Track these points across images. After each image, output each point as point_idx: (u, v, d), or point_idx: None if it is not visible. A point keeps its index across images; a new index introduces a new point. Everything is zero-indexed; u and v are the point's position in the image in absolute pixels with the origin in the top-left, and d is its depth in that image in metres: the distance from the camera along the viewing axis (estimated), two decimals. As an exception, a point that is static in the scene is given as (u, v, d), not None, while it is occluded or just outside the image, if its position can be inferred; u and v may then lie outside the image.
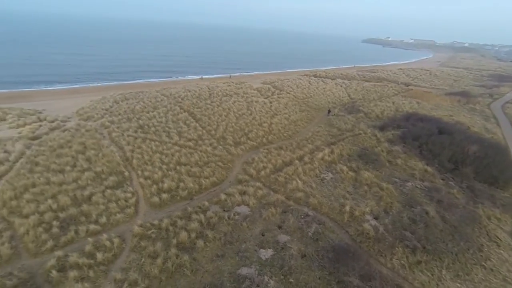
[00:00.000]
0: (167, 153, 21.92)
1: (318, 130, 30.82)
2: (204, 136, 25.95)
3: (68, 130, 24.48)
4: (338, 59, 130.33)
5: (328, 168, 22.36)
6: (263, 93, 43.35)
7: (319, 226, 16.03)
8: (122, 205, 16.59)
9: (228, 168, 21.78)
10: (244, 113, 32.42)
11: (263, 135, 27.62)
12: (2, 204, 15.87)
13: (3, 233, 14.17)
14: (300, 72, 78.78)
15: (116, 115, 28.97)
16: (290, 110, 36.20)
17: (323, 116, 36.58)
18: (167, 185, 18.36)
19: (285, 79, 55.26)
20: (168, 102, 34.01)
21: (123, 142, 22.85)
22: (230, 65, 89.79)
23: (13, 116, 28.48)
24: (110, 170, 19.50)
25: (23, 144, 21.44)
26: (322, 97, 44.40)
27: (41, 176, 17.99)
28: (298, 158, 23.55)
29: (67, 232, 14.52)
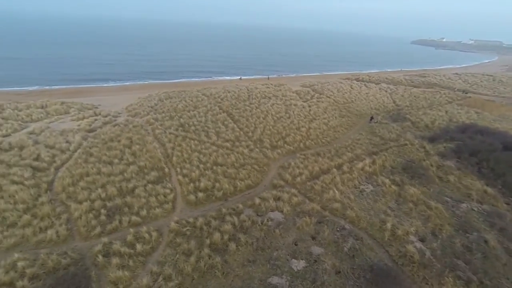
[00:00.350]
0: (205, 153, 22.55)
1: (359, 138, 29.21)
2: (241, 138, 26.21)
3: (118, 125, 26.59)
4: (383, 62, 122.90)
5: (368, 179, 21.00)
6: (302, 96, 42.55)
7: (356, 242, 15.07)
8: (161, 200, 17.42)
9: (264, 171, 21.66)
10: (282, 116, 32.09)
11: (300, 140, 27.01)
12: (62, 189, 17.74)
13: (62, 216, 15.80)
14: (341, 75, 75.82)
15: (160, 112, 30.74)
16: (330, 115, 34.92)
17: (364, 123, 34.63)
18: (204, 185, 18.84)
19: (325, 83, 53.58)
20: (208, 102, 35.13)
21: (165, 139, 24.09)
22: (268, 66, 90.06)
23: (74, 110, 31.88)
24: (152, 165, 20.66)
25: (81, 136, 23.79)
26: (364, 102, 42.11)
27: (93, 167, 19.73)
28: (336, 167, 22.53)
29: (112, 220, 15.65)
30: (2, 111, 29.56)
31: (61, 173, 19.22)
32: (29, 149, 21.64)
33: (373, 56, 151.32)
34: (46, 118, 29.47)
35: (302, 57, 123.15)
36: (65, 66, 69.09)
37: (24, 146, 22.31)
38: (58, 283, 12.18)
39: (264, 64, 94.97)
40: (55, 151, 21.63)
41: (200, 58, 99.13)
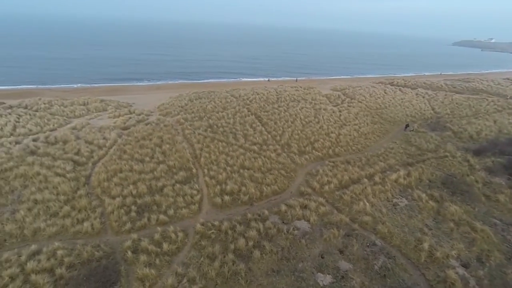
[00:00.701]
0: (232, 155, 22.60)
1: (392, 146, 27.53)
2: (269, 141, 25.94)
3: (150, 124, 27.67)
4: (421, 65, 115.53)
5: (402, 192, 19.63)
6: (332, 100, 41.24)
7: (388, 260, 14.08)
8: (188, 200, 17.70)
9: (291, 177, 21.19)
10: (311, 121, 31.29)
11: (329, 146, 26.09)
12: (97, 184, 18.77)
13: (96, 209, 16.68)
14: (373, 79, 72.54)
15: (190, 113, 31.49)
16: (361, 121, 33.39)
17: (398, 130, 32.62)
18: (230, 188, 18.85)
19: (357, 87, 51.47)
20: (236, 104, 35.35)
21: (194, 140, 24.57)
22: (297, 68, 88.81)
23: (111, 107, 33.80)
24: (180, 165, 21.14)
25: (116, 133, 25.08)
26: (399, 108, 39.72)
27: (126, 164, 20.65)
28: (367, 177, 21.38)
29: (141, 217, 16.18)
30: (51, 107, 32.21)
31: (97, 168, 20.36)
32: (71, 144, 23.25)
33: (409, 59, 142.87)
34: (87, 115, 31.58)
35: (331, 59, 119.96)
36: (103, 66, 73.93)
37: (67, 141, 24.02)
38: (91, 274, 12.80)
39: (292, 66, 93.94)
40: (93, 146, 23.01)
41: (229, 59, 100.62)
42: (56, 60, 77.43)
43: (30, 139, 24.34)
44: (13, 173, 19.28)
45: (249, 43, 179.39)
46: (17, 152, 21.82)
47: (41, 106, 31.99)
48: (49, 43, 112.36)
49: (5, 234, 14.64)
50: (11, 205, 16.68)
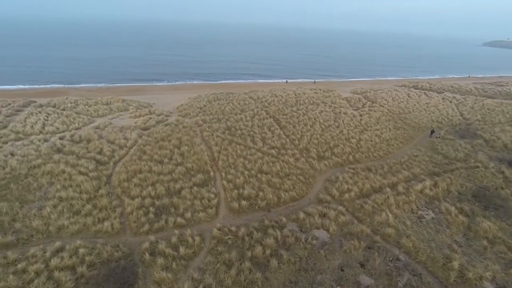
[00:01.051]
0: (250, 159, 22.39)
1: (417, 154, 26.20)
2: (287, 145, 25.50)
3: (170, 125, 28.05)
4: (447, 67, 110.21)
5: (428, 204, 18.55)
6: (352, 104, 40.06)
7: (414, 278, 13.27)
8: (205, 204, 17.65)
9: (309, 183, 20.65)
10: (331, 125, 30.48)
11: (349, 152, 25.24)
12: (118, 183, 19.18)
13: (116, 209, 17.00)
14: (396, 81, 69.94)
15: (208, 114, 31.65)
16: (383, 126, 32.13)
17: (423, 137, 31.06)
18: (247, 192, 18.62)
19: (378, 90, 49.75)
20: (255, 106, 35.15)
21: (212, 142, 24.59)
22: (315, 70, 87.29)
23: (133, 107, 34.68)
24: (198, 167, 21.18)
25: (137, 134, 25.61)
26: (423, 113, 37.88)
27: (146, 164, 20.97)
28: (390, 186, 20.43)
29: (159, 219, 16.30)
30: (77, 106, 33.53)
31: (118, 168, 20.83)
32: (94, 143, 23.98)
33: (434, 60, 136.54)
34: (110, 114, 32.58)
35: (351, 61, 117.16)
36: (124, 66, 76.50)
37: (91, 140, 24.82)
38: (110, 274, 12.99)
39: (310, 67, 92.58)
40: (114, 146, 23.60)
41: (246, 60, 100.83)
42: (80, 60, 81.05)
43: (57, 137, 25.40)
44: (41, 170, 20.14)
45: (265, 43, 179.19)
46: (45, 149, 22.81)
47: (68, 105, 33.38)
48: (70, 44, 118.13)
49: (32, 229, 15.24)
50: (38, 201, 17.37)
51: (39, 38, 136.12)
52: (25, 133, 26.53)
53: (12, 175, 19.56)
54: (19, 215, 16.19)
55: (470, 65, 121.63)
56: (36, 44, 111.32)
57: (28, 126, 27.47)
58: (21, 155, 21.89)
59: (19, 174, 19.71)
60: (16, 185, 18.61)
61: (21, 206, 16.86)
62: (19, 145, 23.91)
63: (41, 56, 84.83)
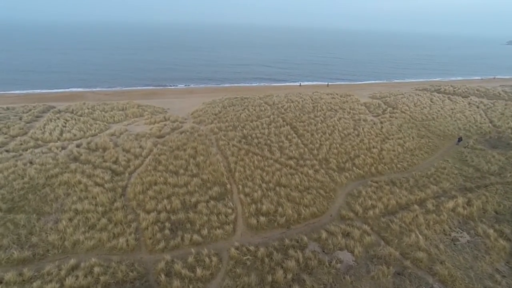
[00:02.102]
0: (268, 171, 21.53)
1: (445, 166, 24.54)
2: (305, 155, 24.47)
3: (185, 133, 27.64)
4: (471, 68, 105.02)
5: (462, 225, 17.08)
6: (372, 110, 38.42)
7: (452, 312, 12.01)
8: (222, 220, 16.94)
9: (330, 198, 19.57)
10: (350, 133, 29.17)
11: (371, 163, 23.93)
12: (133, 196, 18.78)
13: (132, 224, 16.55)
14: (416, 84, 67.26)
15: (224, 121, 31.06)
16: (406, 135, 30.47)
17: (450, 146, 29.21)
18: (266, 208, 17.78)
19: (398, 94, 47.67)
20: (271, 112, 34.27)
21: (228, 152, 23.91)
22: (329, 73, 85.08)
23: (148, 113, 34.62)
24: (214, 179, 20.53)
25: (152, 142, 25.31)
26: (449, 120, 35.80)
27: (161, 176, 20.52)
28: (418, 202, 19.05)
29: (175, 236, 15.72)
30: (93, 112, 33.81)
31: (133, 179, 20.49)
32: (110, 152, 23.85)
33: (456, 61, 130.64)
34: (125, 120, 32.62)
35: (366, 62, 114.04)
36: (139, 70, 77.44)
37: (107, 148, 24.72)
38: (125, 297, 12.46)
39: (323, 70, 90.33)
40: (130, 155, 23.35)
41: (259, 62, 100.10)
42: (96, 64, 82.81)
43: (74, 144, 25.51)
44: (58, 180, 20.09)
45: (276, 45, 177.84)
46: (62, 158, 22.86)
47: (85, 111, 33.69)
48: (86, 48, 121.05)
49: (48, 244, 15.02)
50: (54, 213, 17.21)
51: (55, 42, 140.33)
52: (44, 140, 26.83)
53: (30, 185, 19.60)
54: (36, 228, 16.05)
55: (495, 66, 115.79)
56: (53, 49, 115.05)
57: (47, 133, 27.80)
58: (39, 163, 22.00)
59: (37, 184, 19.73)
60: (34, 196, 18.59)
61: (38, 218, 16.74)
62: (38, 152, 24.12)
63: (60, 60, 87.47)
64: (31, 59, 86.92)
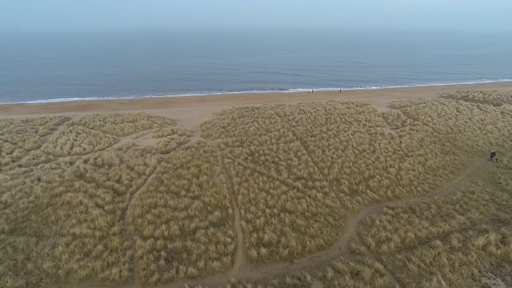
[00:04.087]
0: (273, 194, 20.23)
1: (473, 190, 21.96)
2: (315, 175, 22.87)
3: (190, 148, 26.95)
4: (501, 70, 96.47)
5: (496, 269, 14.82)
6: (390, 121, 35.88)
7: None
8: (220, 250, 15.88)
9: (339, 227, 17.91)
10: (365, 150, 27.12)
11: (388, 186, 21.90)
12: (131, 220, 18.21)
13: (127, 252, 15.90)
14: (440, 88, 63.08)
15: (231, 136, 30.13)
16: (428, 151, 27.91)
17: (480, 165, 26.32)
18: (268, 238, 16.51)
19: (420, 103, 44.40)
20: (281, 126, 32.91)
21: (233, 172, 22.87)
22: (343, 78, 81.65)
23: (157, 125, 34.49)
24: (216, 202, 19.56)
25: (156, 159, 24.85)
26: (478, 134, 32.56)
27: (162, 197, 19.84)
28: (441, 236, 16.92)
29: (170, 268, 14.85)
30: (104, 125, 34.19)
31: (134, 200, 19.98)
32: (115, 169, 23.63)
33: (483, 62, 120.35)
34: (134, 132, 32.65)
35: (384, 65, 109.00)
36: (154, 78, 78.96)
37: (112, 164, 24.58)
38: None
39: (335, 75, 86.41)
40: (133, 173, 22.97)
41: (271, 67, 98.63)
42: (111, 73, 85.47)
43: (82, 160, 25.60)
44: (61, 199, 20.01)
45: (293, 49, 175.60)
46: (68, 175, 22.90)
47: (97, 124, 34.15)
48: (102, 59, 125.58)
49: (42, 272, 14.67)
50: (53, 237, 16.98)
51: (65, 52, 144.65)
52: (55, 154, 27.25)
53: (34, 204, 19.65)
54: (33, 253, 15.84)
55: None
56: (66, 59, 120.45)
57: (58, 147, 28.25)
58: (46, 181, 22.15)
59: (41, 203, 19.74)
60: (36, 216, 18.55)
61: (37, 242, 16.55)
62: (47, 168, 24.40)
63: (77, 69, 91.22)
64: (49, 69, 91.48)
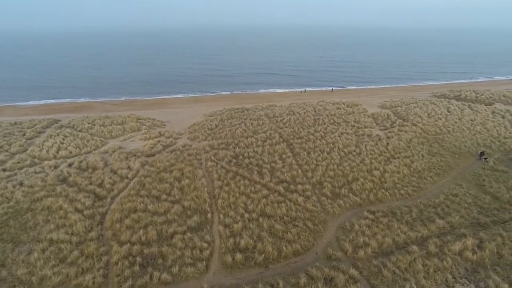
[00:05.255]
0: (253, 198, 20.15)
1: (456, 192, 21.82)
2: (298, 178, 22.77)
3: (175, 152, 26.87)
4: (495, 68, 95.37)
5: (470, 275, 14.68)
6: (379, 122, 35.71)
7: None
8: (196, 256, 15.83)
9: (318, 232, 17.82)
10: (351, 152, 26.98)
11: (371, 189, 21.79)
12: (110, 225, 18.17)
13: (102, 257, 15.86)
14: (434, 87, 62.89)
15: (218, 138, 30.06)
16: (415, 152, 27.77)
17: (466, 166, 26.16)
18: (244, 243, 16.44)
19: (411, 103, 44.16)
20: (269, 127, 32.80)
21: (215, 175, 22.79)
22: (335, 80, 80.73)
23: (145, 127, 34.41)
24: (196, 206, 19.51)
25: (140, 163, 24.79)
26: (467, 134, 32.36)
27: (142, 202, 19.79)
28: (418, 242, 16.78)
29: (144, 274, 14.79)
30: (92, 127, 34.12)
31: (114, 205, 19.93)
32: (98, 173, 23.60)
33: (479, 59, 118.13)
34: (122, 135, 32.57)
35: (379, 64, 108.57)
36: (149, 78, 78.98)
37: (96, 168, 24.53)
38: None
39: (332, 74, 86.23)
40: (116, 177, 22.92)
41: (266, 66, 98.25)
42: (105, 74, 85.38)
43: (67, 163, 25.55)
44: (42, 204, 20.00)
45: (287, 48, 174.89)
46: (51, 179, 22.85)
47: (85, 126, 34.09)
48: (92, 56, 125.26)
49: (15, 279, 14.65)
50: (30, 243, 16.96)
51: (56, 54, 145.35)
52: (41, 158, 27.21)
53: (14, 209, 19.64)
54: (9, 259, 15.82)
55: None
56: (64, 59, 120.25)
57: (44, 150, 28.21)
58: (28, 185, 22.13)
59: (21, 209, 19.73)
60: (15, 222, 18.53)
61: (13, 248, 16.54)
62: (31, 172, 24.37)
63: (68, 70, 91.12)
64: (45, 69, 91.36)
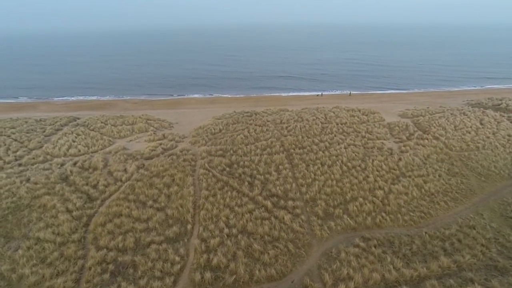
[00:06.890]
0: (237, 212, 19.24)
1: (474, 223, 18.78)
2: (291, 193, 21.36)
3: (172, 156, 26.84)
4: None
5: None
6: (395, 133, 32.55)
7: None
8: (166, 269, 15.40)
9: (299, 257, 16.42)
10: (355, 166, 24.75)
11: (370, 211, 19.67)
12: (93, 228, 18.48)
13: (78, 261, 16.11)
14: (469, 93, 56.59)
15: (217, 144, 29.54)
16: (430, 171, 24.73)
17: (493, 192, 22.62)
18: (217, 260, 15.67)
19: (437, 112, 39.78)
20: (272, 135, 31.53)
21: (204, 184, 22.27)
22: (357, 82, 75.89)
23: (153, 128, 35.08)
24: (178, 216, 19.15)
25: (136, 165, 25.11)
26: (500, 152, 28.13)
27: (128, 206, 19.88)
28: (413, 282, 14.58)
29: (112, 283, 14.73)
30: (104, 127, 35.61)
31: (102, 208, 20.29)
32: (96, 173, 24.33)
33: None
34: (130, 136, 33.53)
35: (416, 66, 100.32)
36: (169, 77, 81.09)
37: (96, 168, 25.35)
38: None
39: (351, 77, 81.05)
40: (111, 179, 23.43)
41: (286, 68, 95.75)
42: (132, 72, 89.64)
43: (72, 162, 26.77)
44: (40, 201, 20.98)
45: (308, 47, 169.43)
46: (54, 177, 23.99)
47: (98, 125, 35.68)
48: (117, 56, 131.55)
49: (-2, 274, 15.41)
50: (19, 239, 17.81)
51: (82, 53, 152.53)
52: (53, 155, 28.86)
53: (16, 205, 20.82)
54: (-2, 254, 16.71)
55: None
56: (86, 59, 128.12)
57: (56, 148, 29.89)
58: (33, 182, 23.45)
59: (21, 204, 20.88)
60: (13, 217, 19.61)
61: (4, 244, 17.46)
62: (40, 169, 25.88)
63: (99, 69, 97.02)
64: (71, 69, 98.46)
